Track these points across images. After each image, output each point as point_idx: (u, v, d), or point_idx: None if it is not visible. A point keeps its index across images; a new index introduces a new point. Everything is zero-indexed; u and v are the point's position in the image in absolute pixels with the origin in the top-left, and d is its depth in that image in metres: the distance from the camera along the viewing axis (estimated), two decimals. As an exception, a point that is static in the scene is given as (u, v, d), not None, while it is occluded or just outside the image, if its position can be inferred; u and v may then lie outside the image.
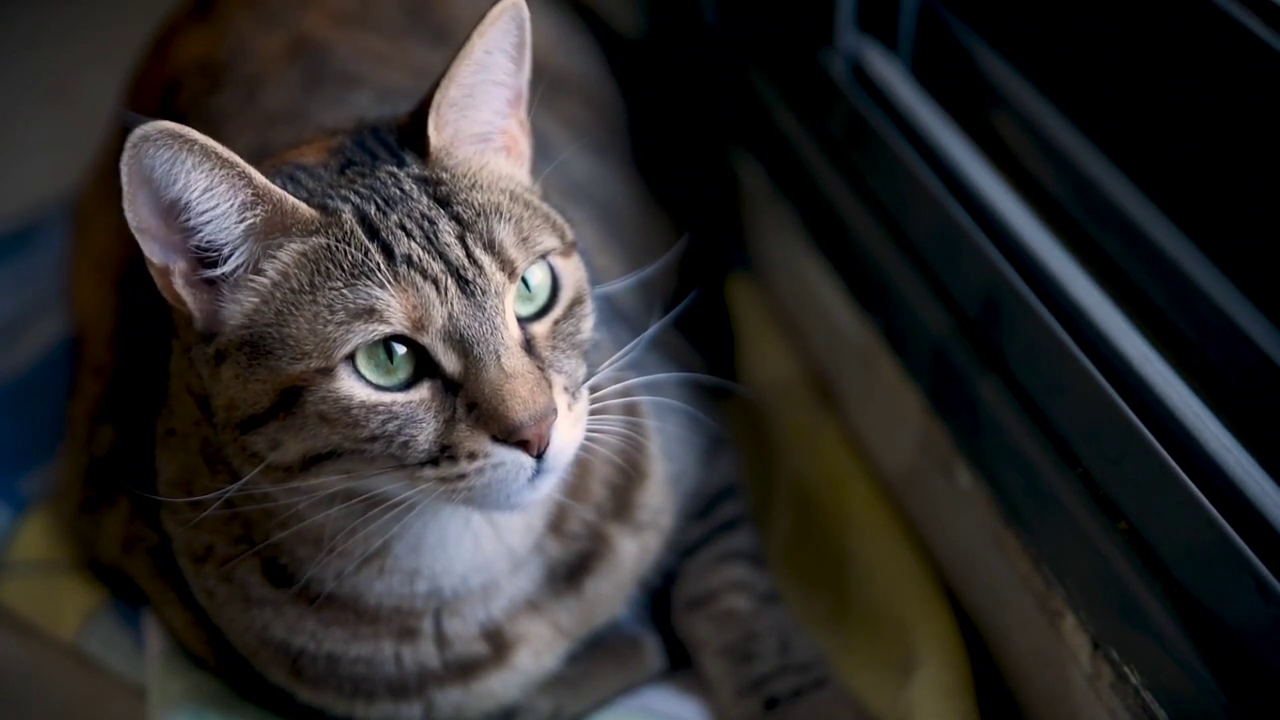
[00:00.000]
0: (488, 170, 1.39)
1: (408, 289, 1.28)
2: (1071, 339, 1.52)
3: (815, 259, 2.02)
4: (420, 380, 1.30)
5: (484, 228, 1.32)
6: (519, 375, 1.29)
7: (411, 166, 1.36)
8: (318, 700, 1.56)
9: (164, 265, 1.31)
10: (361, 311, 1.27)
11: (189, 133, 1.25)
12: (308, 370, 1.28)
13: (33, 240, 2.40)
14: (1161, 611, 1.38)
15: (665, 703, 1.70)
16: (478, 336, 1.28)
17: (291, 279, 1.30)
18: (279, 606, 1.50)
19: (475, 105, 1.39)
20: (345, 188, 1.34)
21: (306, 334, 1.28)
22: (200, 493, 1.45)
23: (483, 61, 1.36)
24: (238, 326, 1.31)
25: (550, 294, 1.37)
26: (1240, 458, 1.37)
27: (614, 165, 2.07)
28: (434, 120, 1.36)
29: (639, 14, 2.52)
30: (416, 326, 1.28)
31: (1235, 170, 1.48)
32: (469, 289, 1.29)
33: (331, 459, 1.31)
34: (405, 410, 1.29)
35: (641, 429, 1.61)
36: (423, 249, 1.29)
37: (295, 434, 1.30)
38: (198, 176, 1.26)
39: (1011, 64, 1.77)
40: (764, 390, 2.06)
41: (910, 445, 1.81)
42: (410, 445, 1.29)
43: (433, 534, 1.45)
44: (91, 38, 2.86)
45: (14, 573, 1.87)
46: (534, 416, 1.28)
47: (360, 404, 1.28)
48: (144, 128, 1.23)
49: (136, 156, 1.24)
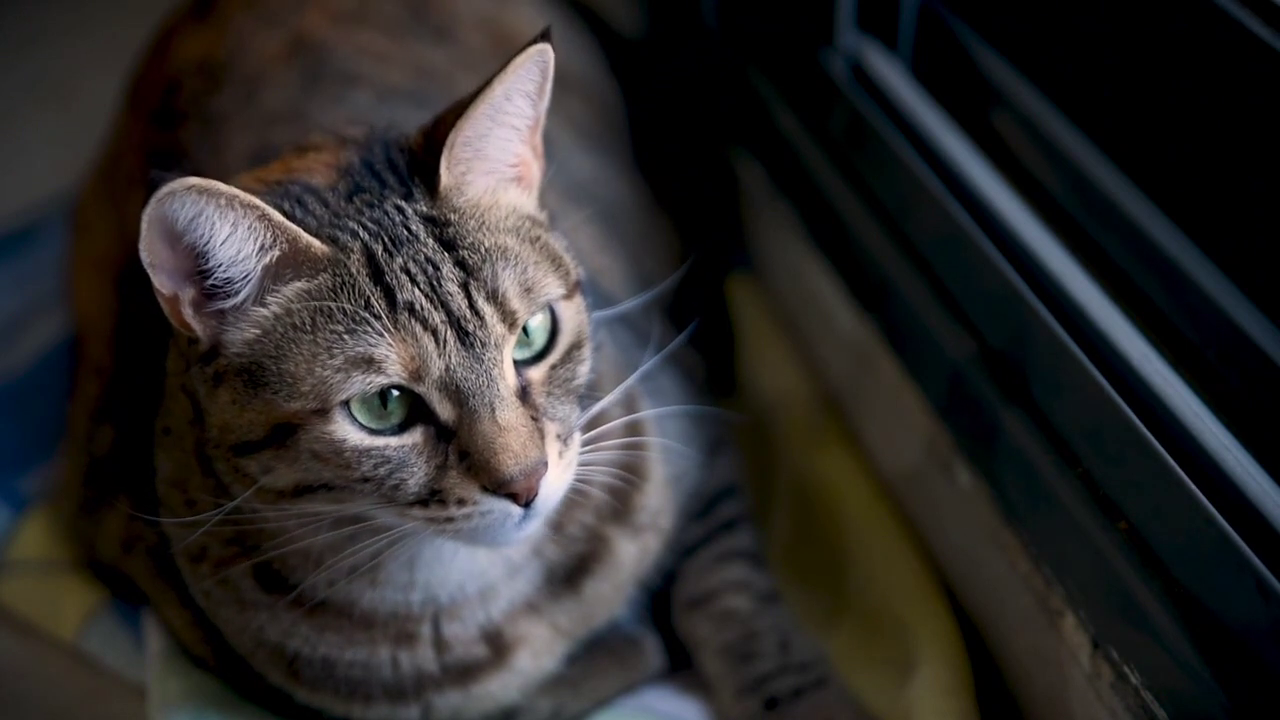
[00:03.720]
0: (498, 207, 1.37)
1: (407, 339, 1.27)
2: (1071, 339, 1.52)
3: (815, 259, 2.02)
4: (414, 424, 1.30)
5: (488, 274, 1.31)
6: (512, 429, 1.29)
7: (420, 203, 1.34)
8: (315, 701, 1.56)
9: (173, 295, 1.31)
10: (360, 360, 1.27)
11: (214, 186, 1.24)
12: (303, 410, 1.28)
13: (33, 240, 2.39)
14: (1161, 611, 1.38)
15: (665, 703, 1.70)
16: (474, 389, 1.28)
17: (294, 315, 1.29)
18: (273, 610, 1.50)
19: (490, 144, 1.37)
20: (354, 219, 1.32)
21: (304, 374, 1.28)
22: (195, 492, 1.45)
23: (501, 106, 1.34)
24: (237, 354, 1.31)
25: (549, 337, 1.36)
26: (1240, 458, 1.37)
27: (615, 164, 2.07)
28: (447, 158, 1.34)
29: (639, 14, 2.52)
30: (414, 377, 1.28)
31: (1235, 170, 1.48)
32: (468, 340, 1.29)
33: (323, 490, 1.32)
34: (397, 455, 1.29)
35: (641, 444, 1.60)
36: (425, 297, 1.28)
37: (288, 465, 1.31)
38: (221, 225, 1.26)
39: (1011, 64, 1.77)
40: (764, 390, 2.06)
41: (910, 445, 1.81)
42: (400, 488, 1.30)
43: (427, 551, 1.45)
44: (91, 38, 2.86)
45: (14, 573, 1.87)
46: (524, 471, 1.28)
47: (353, 448, 1.29)
48: (171, 184, 1.22)
49: (159, 208, 1.23)
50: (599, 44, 2.22)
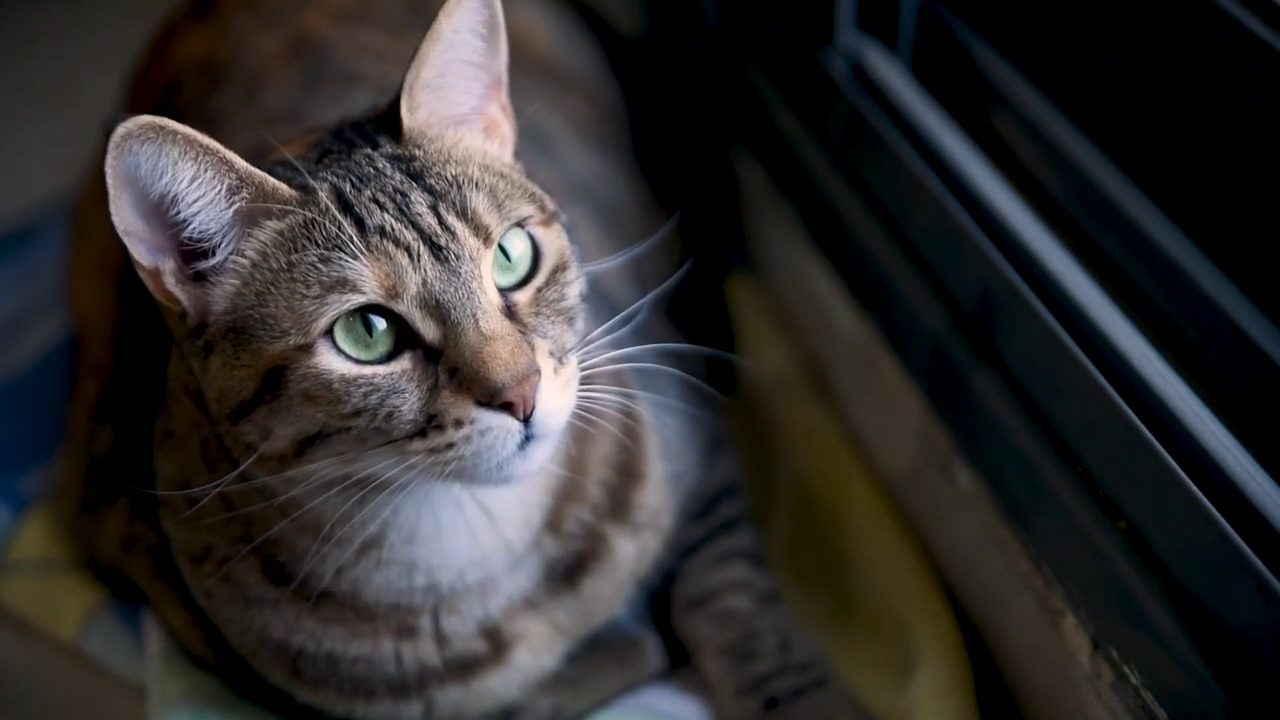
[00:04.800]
0: (463, 146, 1.40)
1: (380, 258, 1.28)
2: (1071, 339, 1.52)
3: (815, 258, 2.02)
4: (401, 352, 1.30)
5: (456, 196, 1.33)
6: (498, 337, 1.29)
7: (385, 147, 1.37)
8: (317, 700, 1.56)
9: (154, 267, 1.32)
10: (335, 283, 1.27)
11: (169, 124, 1.25)
12: (288, 348, 1.28)
13: (33, 240, 2.40)
14: (1161, 611, 1.38)
15: (665, 702, 1.71)
16: (454, 301, 1.28)
17: (270, 259, 1.31)
18: (277, 605, 1.50)
19: (448, 85, 1.39)
20: (323, 170, 1.35)
21: (285, 311, 1.28)
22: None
23: (451, 40, 1.37)
24: (221, 313, 1.32)
25: (532, 263, 1.37)
26: (1240, 458, 1.37)
27: (615, 164, 2.07)
28: (406, 101, 1.37)
29: (639, 14, 2.52)
30: (390, 294, 1.28)
31: (1235, 170, 1.48)
32: (443, 255, 1.29)
33: (321, 441, 1.31)
34: (387, 382, 1.29)
35: (639, 437, 1.60)
36: (395, 219, 1.30)
37: (283, 417, 1.30)
38: (184, 166, 1.27)
39: (1011, 64, 1.77)
40: (764, 389, 2.06)
41: (910, 445, 1.81)
42: (395, 417, 1.29)
43: (427, 522, 1.45)
44: (91, 38, 2.86)
45: (14, 572, 1.88)
46: (515, 377, 1.27)
47: (341, 378, 1.28)
48: (125, 124, 1.23)
49: (120, 155, 1.25)
50: (599, 43, 2.23)
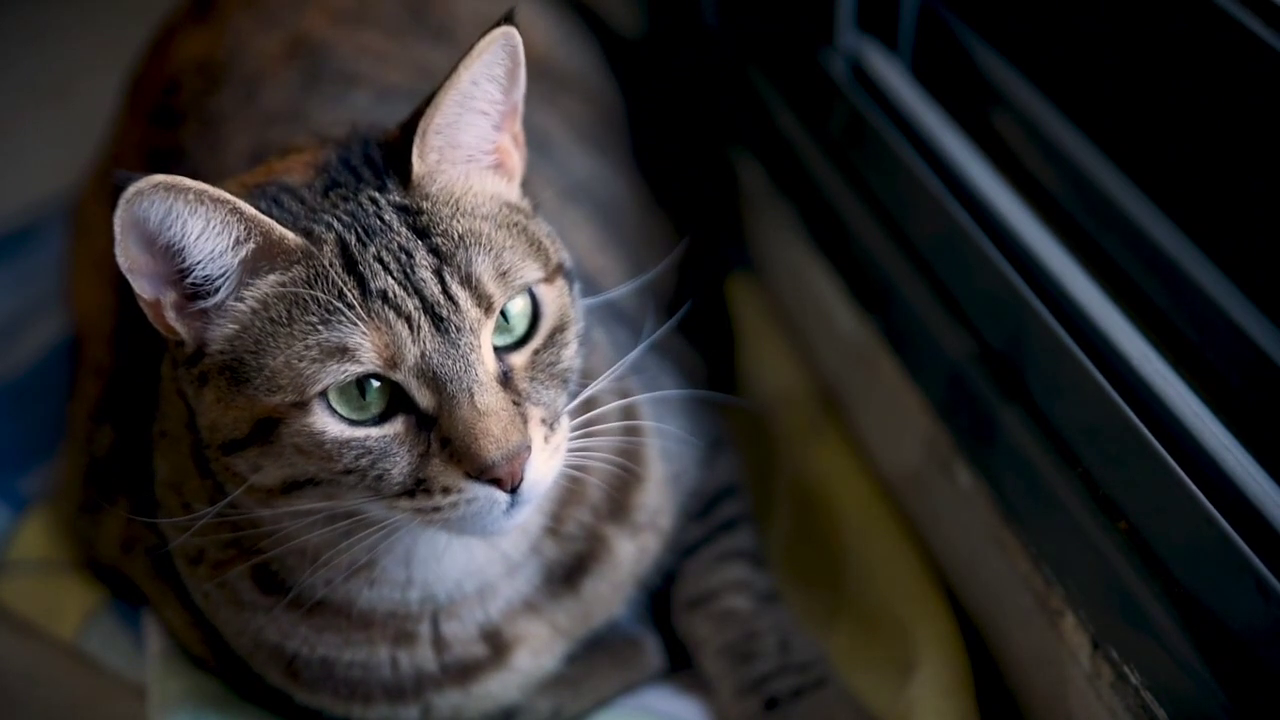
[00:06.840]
0: (473, 194, 1.37)
1: (381, 327, 1.27)
2: (1071, 338, 1.52)
3: (815, 259, 2.02)
4: (395, 414, 1.30)
5: (462, 260, 1.31)
6: (492, 413, 1.28)
7: (393, 194, 1.34)
8: (315, 702, 1.56)
9: (154, 299, 1.31)
10: (335, 350, 1.27)
11: (181, 181, 1.24)
12: (283, 404, 1.28)
13: (33, 240, 2.40)
14: (1161, 611, 1.38)
15: (665, 703, 1.70)
16: (451, 374, 1.28)
17: (270, 308, 1.30)
18: (271, 612, 1.50)
19: (461, 130, 1.37)
20: (329, 212, 1.33)
21: (282, 367, 1.28)
22: (191, 495, 1.46)
23: (469, 92, 1.35)
24: (219, 351, 1.32)
25: (530, 323, 1.36)
26: (1240, 458, 1.37)
27: (615, 164, 2.07)
28: (418, 147, 1.35)
29: (639, 14, 2.52)
30: (389, 364, 1.28)
31: (1235, 170, 1.48)
32: (443, 326, 1.28)
33: (311, 485, 1.32)
34: (379, 445, 1.29)
35: (639, 436, 1.60)
36: (398, 284, 1.28)
37: (274, 461, 1.31)
38: (193, 221, 1.26)
39: (1011, 64, 1.77)
40: (764, 390, 2.06)
41: (910, 445, 1.81)
42: (384, 479, 1.30)
43: (423, 547, 1.45)
44: (91, 38, 2.86)
45: (14, 572, 1.88)
46: (506, 456, 1.28)
47: (333, 439, 1.29)
48: (137, 184, 1.22)
49: (129, 209, 1.24)
50: (599, 44, 2.22)
